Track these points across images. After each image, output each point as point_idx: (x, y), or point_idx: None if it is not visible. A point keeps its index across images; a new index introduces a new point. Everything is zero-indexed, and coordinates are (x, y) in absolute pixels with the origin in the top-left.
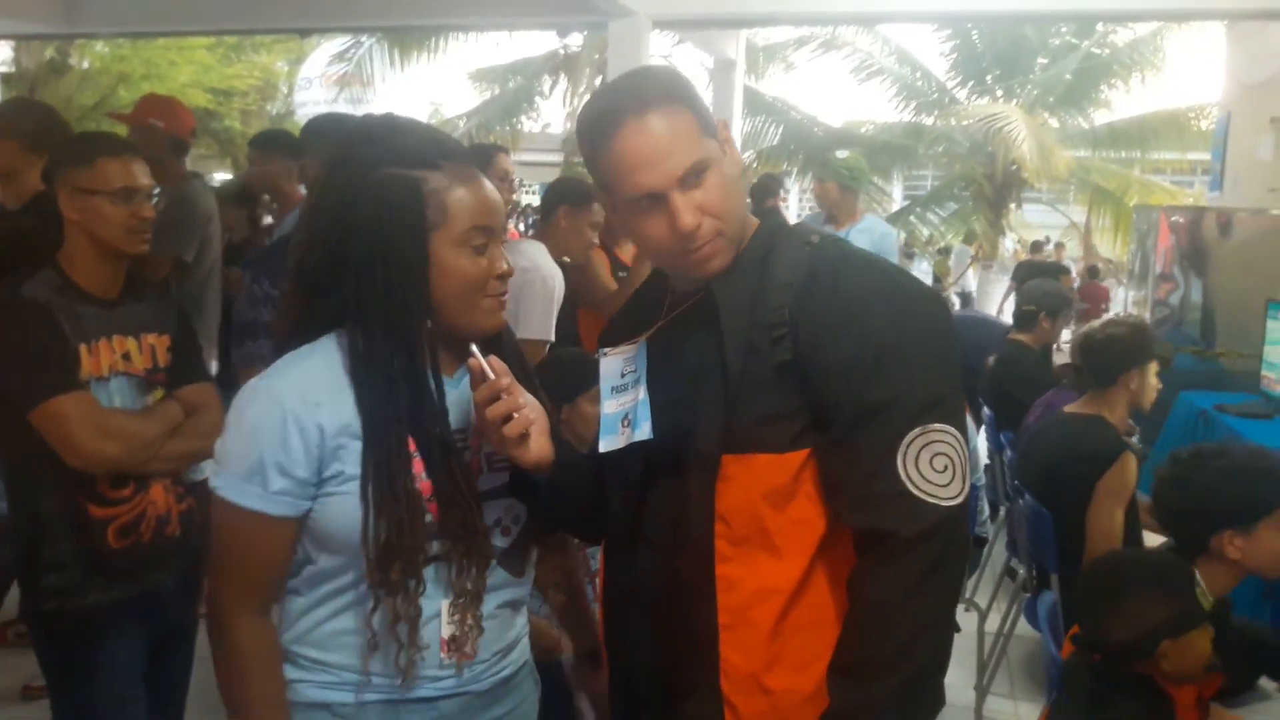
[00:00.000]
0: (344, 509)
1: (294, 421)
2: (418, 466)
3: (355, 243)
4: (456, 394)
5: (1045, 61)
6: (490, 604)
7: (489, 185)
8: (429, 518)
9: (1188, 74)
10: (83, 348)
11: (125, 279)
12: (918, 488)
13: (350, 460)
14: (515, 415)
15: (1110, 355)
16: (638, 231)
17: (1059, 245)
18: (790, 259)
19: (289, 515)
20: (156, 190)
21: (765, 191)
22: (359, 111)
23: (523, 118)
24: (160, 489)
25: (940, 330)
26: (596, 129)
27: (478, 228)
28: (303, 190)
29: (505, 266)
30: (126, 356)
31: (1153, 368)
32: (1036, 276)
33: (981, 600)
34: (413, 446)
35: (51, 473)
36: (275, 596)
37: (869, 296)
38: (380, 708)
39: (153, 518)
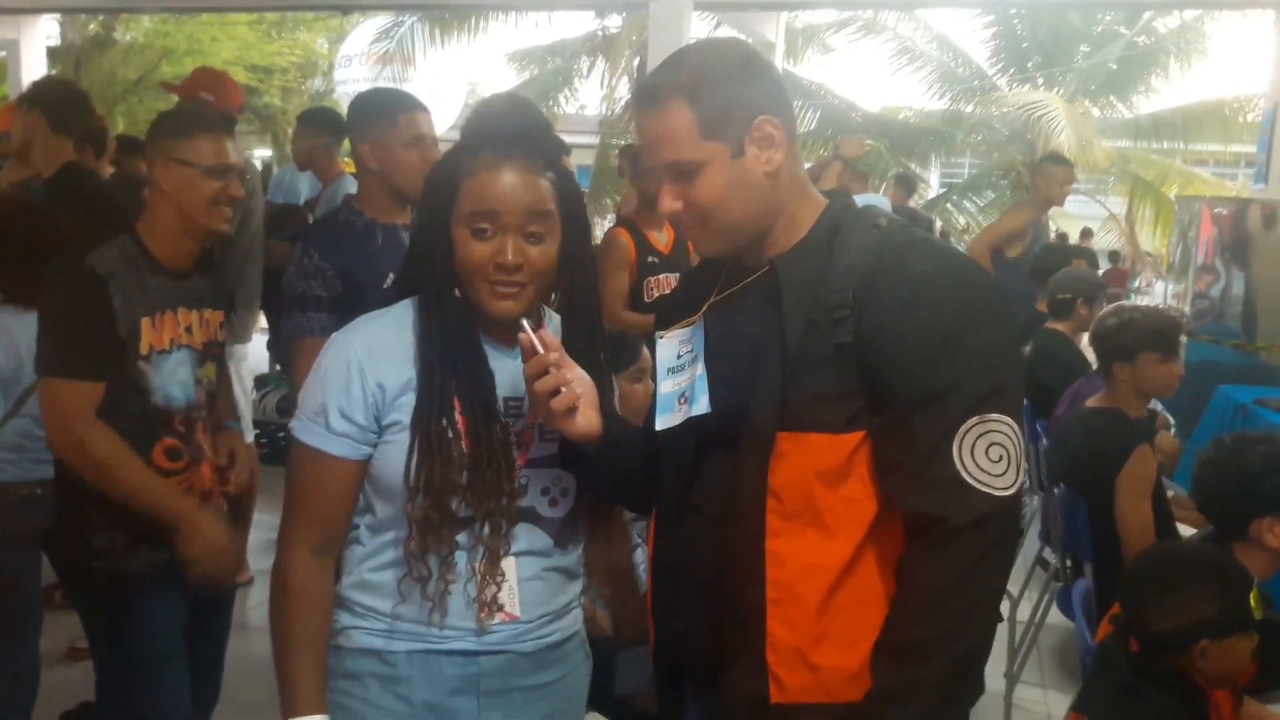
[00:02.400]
0: (397, 454)
1: (358, 371)
2: (462, 425)
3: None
4: (516, 364)
5: (1087, 49)
6: (535, 566)
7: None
8: (464, 475)
9: (1233, 65)
10: (145, 321)
11: (198, 253)
12: (972, 476)
13: (408, 411)
14: (563, 389)
15: (1103, 346)
16: None
17: (1087, 233)
18: (857, 241)
19: (347, 456)
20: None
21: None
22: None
23: (560, 98)
24: (208, 466)
25: (1003, 320)
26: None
27: (477, 213)
28: (344, 164)
29: (511, 258)
30: (189, 330)
31: (1147, 360)
32: (1054, 260)
33: (1013, 588)
34: (460, 407)
35: None
36: (334, 539)
37: (936, 282)
38: (423, 657)
39: (199, 492)
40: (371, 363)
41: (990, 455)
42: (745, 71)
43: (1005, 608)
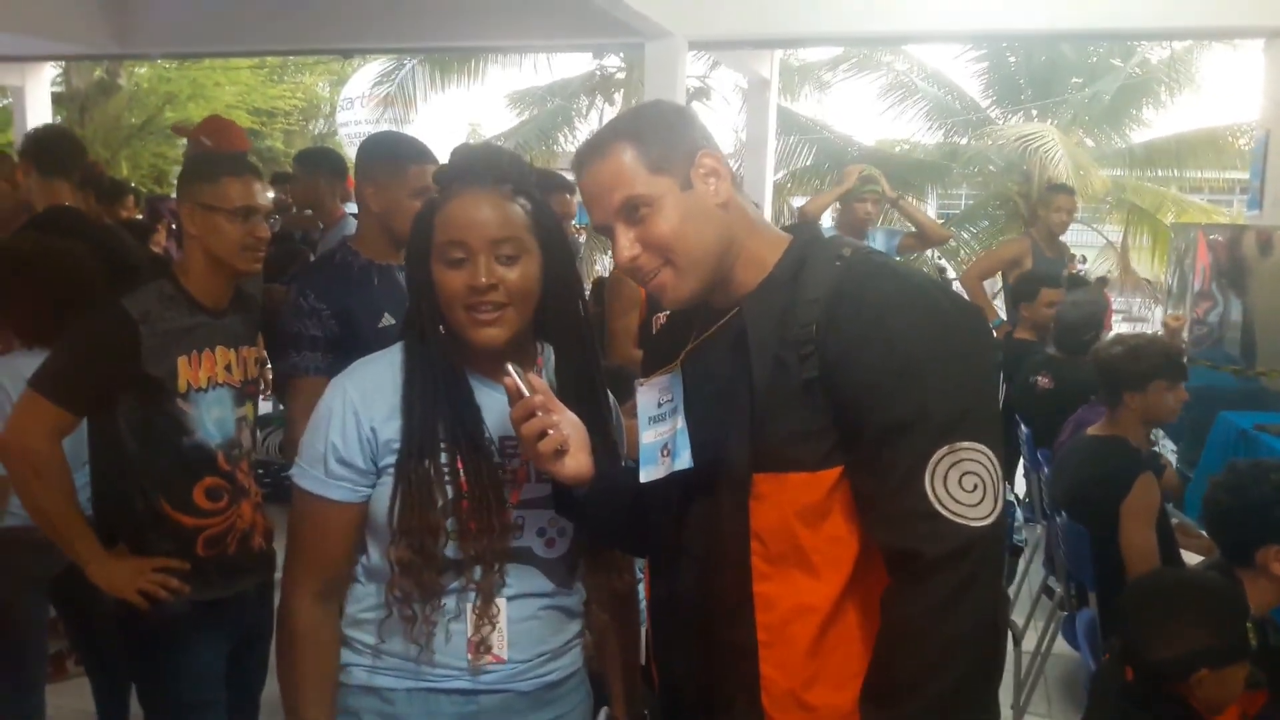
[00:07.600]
0: (386, 496)
1: (352, 415)
2: (450, 464)
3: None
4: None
5: (1080, 81)
6: (532, 606)
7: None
8: (451, 523)
9: (1226, 93)
10: (182, 360)
11: (234, 291)
12: (945, 508)
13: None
14: (550, 432)
15: (1111, 376)
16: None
17: (1072, 258)
18: (820, 274)
19: (347, 500)
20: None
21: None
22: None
23: (560, 137)
24: (249, 505)
25: (971, 343)
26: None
27: (451, 242)
28: (348, 208)
29: (484, 279)
30: (228, 368)
31: (1158, 387)
32: (1029, 286)
33: (1019, 619)
34: (446, 445)
35: (142, 478)
36: (338, 583)
37: (895, 309)
38: (422, 695)
39: (240, 531)
40: (365, 407)
41: (964, 485)
42: (680, 117)
43: (1010, 638)
